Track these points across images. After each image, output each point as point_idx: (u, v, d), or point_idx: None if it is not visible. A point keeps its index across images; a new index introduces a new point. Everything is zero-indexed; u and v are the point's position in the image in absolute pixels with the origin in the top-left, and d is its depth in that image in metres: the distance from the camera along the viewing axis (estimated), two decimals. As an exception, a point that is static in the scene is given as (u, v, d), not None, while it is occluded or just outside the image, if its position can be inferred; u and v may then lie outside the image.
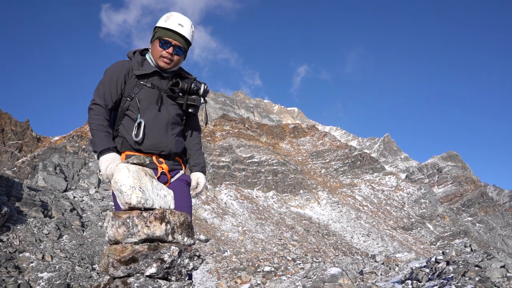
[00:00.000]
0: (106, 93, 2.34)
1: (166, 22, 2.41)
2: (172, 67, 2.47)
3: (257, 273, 25.50)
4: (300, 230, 39.23)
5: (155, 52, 2.43)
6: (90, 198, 26.73)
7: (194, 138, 2.65)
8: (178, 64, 2.51)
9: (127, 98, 2.36)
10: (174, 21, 2.41)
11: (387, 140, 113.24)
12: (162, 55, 2.41)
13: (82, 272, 15.55)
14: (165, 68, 2.45)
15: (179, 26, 2.41)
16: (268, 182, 51.40)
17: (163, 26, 2.41)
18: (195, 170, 2.56)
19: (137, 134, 2.29)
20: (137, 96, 2.34)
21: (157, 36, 2.41)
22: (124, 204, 1.89)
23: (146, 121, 2.32)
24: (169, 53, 2.40)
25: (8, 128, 44.54)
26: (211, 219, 36.30)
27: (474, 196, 69.32)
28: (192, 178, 2.52)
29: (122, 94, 2.38)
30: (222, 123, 63.68)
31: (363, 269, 16.51)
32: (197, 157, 2.61)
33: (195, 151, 2.62)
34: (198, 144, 2.67)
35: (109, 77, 2.38)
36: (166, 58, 2.41)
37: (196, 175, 2.54)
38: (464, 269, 10.23)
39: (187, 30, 2.44)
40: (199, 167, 2.58)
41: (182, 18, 2.45)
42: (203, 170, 2.57)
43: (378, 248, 38.42)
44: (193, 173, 2.56)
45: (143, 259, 1.74)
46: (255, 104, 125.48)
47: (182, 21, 2.43)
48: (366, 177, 61.86)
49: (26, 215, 19.07)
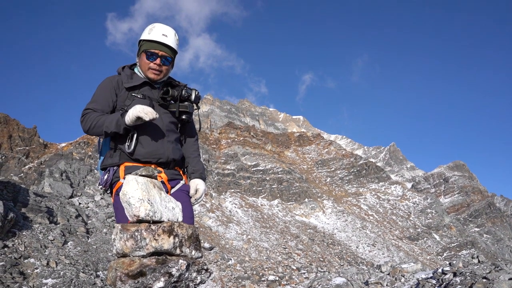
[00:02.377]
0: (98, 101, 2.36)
1: (150, 34, 2.44)
2: (162, 77, 2.50)
3: (261, 282, 25.33)
4: (305, 239, 38.99)
5: (143, 65, 2.46)
6: (96, 204, 26.81)
7: (191, 145, 2.66)
8: (167, 74, 2.54)
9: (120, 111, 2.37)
10: (158, 32, 2.44)
11: (393, 149, 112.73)
12: (150, 67, 2.44)
13: (86, 279, 15.53)
14: (155, 80, 2.48)
15: (163, 37, 2.43)
16: (273, 190, 51.26)
17: (148, 38, 2.44)
18: (194, 177, 2.55)
19: (129, 146, 2.30)
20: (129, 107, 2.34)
21: (143, 49, 2.44)
22: (133, 217, 1.88)
23: (141, 131, 2.32)
24: (157, 64, 2.43)
25: (16, 134, 44.91)
26: (215, 227, 36.21)
27: (481, 207, 68.58)
28: (191, 185, 2.51)
29: (114, 107, 2.40)
30: (228, 131, 63.78)
31: (368, 280, 16.34)
32: (195, 164, 2.60)
33: (193, 158, 2.62)
34: (196, 151, 2.68)
35: (100, 90, 2.42)
36: (155, 70, 2.44)
37: (195, 181, 2.52)
38: (471, 281, 10.08)
39: (171, 40, 2.46)
40: (198, 173, 2.57)
41: (165, 28, 2.48)
42: (202, 177, 2.56)
43: (384, 258, 38.05)
44: (192, 180, 2.55)
45: (151, 273, 1.73)
46: (261, 112, 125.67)
47: (165, 31, 2.46)
48: (372, 186, 61.50)
49: (32, 221, 19.14)
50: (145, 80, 2.46)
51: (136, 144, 2.31)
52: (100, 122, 2.23)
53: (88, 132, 2.29)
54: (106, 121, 2.22)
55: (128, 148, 2.30)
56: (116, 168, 2.33)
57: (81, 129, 2.34)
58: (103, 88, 2.41)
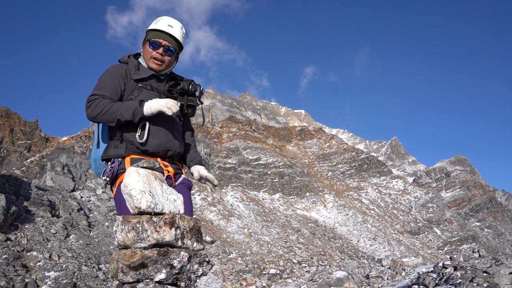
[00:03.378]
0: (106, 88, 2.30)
1: (156, 24, 2.44)
2: (164, 68, 2.48)
3: (262, 275, 25.45)
4: (306, 233, 39.10)
5: (146, 54, 2.45)
6: (97, 198, 26.91)
7: (188, 138, 2.69)
8: (170, 66, 2.51)
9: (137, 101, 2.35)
10: (164, 23, 2.44)
11: (394, 143, 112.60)
12: (152, 56, 2.42)
13: (89, 271, 15.63)
14: (157, 70, 2.45)
15: (168, 27, 2.43)
16: (275, 184, 51.34)
17: (153, 28, 2.44)
18: (194, 164, 2.58)
19: (141, 136, 2.27)
20: (137, 98, 2.32)
21: (147, 38, 2.44)
22: (134, 209, 1.88)
23: (152, 122, 2.31)
24: (159, 54, 2.41)
25: (17, 128, 44.99)
26: (217, 220, 36.33)
27: (482, 201, 68.61)
28: (193, 171, 2.54)
29: (122, 95, 2.36)
30: (229, 125, 63.77)
31: (369, 273, 16.40)
32: (192, 153, 2.64)
33: (191, 148, 2.66)
34: (193, 143, 2.71)
35: (108, 77, 2.37)
36: (157, 59, 2.42)
37: (195, 167, 2.55)
38: (472, 275, 10.11)
39: (177, 31, 2.46)
40: (196, 160, 2.60)
41: (172, 20, 2.48)
42: (201, 163, 2.59)
43: (385, 252, 38.16)
44: (192, 167, 2.57)
45: (152, 265, 1.74)
46: (262, 106, 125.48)
47: (171, 22, 2.46)
48: (373, 181, 61.53)
49: (34, 214, 19.23)
50: (153, 73, 2.45)
51: (148, 135, 2.29)
52: (113, 109, 2.18)
53: (94, 119, 2.22)
54: (120, 109, 2.18)
55: (140, 138, 2.26)
56: (121, 160, 2.29)
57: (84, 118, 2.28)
58: (111, 75, 2.37)
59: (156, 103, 2.17)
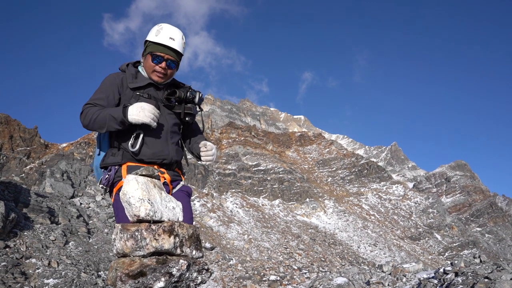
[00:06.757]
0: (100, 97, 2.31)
1: (157, 37, 2.39)
2: (166, 80, 2.48)
3: (262, 282, 25.32)
4: (306, 239, 38.97)
5: (148, 67, 2.43)
6: (97, 205, 26.84)
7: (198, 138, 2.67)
8: (171, 77, 2.51)
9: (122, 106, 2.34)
10: (165, 35, 2.39)
11: (394, 148, 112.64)
12: (155, 70, 2.40)
13: (88, 279, 15.54)
14: (159, 82, 2.45)
15: (170, 40, 2.39)
16: (274, 190, 51.26)
17: (155, 41, 2.39)
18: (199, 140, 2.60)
19: (133, 145, 2.27)
20: None
21: (149, 51, 2.40)
22: (133, 217, 1.87)
23: (146, 131, 2.30)
24: (162, 68, 2.40)
25: (17, 135, 45.00)
26: (216, 227, 36.22)
27: (483, 206, 68.51)
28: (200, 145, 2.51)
29: (118, 104, 2.36)
30: (229, 131, 63.80)
31: (370, 280, 16.32)
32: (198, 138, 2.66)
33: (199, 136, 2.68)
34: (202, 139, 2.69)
35: (103, 85, 2.38)
36: (160, 73, 2.41)
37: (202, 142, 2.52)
38: (473, 281, 10.06)
39: (178, 43, 2.42)
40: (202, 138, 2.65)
41: (173, 31, 2.43)
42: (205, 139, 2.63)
43: (385, 258, 38.02)
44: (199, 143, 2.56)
45: (151, 273, 1.73)
46: (262, 112, 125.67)
47: (173, 34, 2.41)
48: (373, 186, 61.46)
49: (33, 221, 19.16)
50: (150, 81, 2.44)
51: (142, 145, 2.29)
52: (100, 117, 2.18)
53: (87, 126, 2.23)
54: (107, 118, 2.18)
55: (133, 147, 2.27)
56: (118, 168, 2.30)
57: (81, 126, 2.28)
58: (106, 84, 2.38)
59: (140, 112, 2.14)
